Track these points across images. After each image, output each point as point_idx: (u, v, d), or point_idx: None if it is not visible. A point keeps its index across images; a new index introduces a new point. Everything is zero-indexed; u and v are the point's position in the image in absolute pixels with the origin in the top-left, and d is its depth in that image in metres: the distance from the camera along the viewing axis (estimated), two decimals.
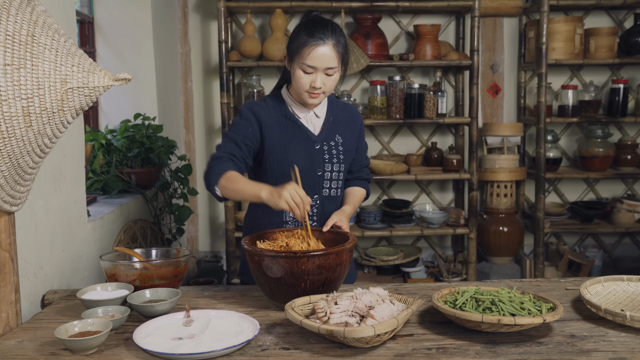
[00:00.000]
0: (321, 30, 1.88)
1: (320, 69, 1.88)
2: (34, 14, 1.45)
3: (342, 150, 2.05)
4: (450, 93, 4.30)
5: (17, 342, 1.52)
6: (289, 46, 1.93)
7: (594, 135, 4.12)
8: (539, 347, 1.44)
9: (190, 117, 4.23)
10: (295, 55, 1.89)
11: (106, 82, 1.46)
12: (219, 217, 4.35)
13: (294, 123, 2.01)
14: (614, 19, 4.28)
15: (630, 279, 1.81)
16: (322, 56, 1.87)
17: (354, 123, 2.12)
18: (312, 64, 1.87)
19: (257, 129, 1.97)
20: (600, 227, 4.13)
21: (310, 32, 1.87)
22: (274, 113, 2.01)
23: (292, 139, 1.99)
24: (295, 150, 1.98)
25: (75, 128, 2.28)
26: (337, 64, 1.90)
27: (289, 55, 1.94)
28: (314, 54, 1.86)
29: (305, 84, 1.90)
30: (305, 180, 1.98)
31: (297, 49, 1.88)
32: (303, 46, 1.87)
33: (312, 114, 2.03)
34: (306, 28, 1.89)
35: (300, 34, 1.89)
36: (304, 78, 1.90)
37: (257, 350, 1.44)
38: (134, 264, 1.83)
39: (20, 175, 1.53)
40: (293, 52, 1.91)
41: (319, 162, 2.01)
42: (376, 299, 1.53)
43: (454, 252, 4.40)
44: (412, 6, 3.82)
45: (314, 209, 2.05)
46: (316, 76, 1.89)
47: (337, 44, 1.89)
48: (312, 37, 1.87)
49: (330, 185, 2.05)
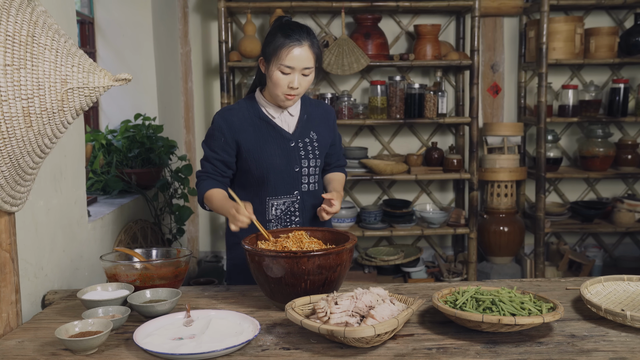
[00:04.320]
0: (297, 32, 1.95)
1: (298, 69, 1.95)
2: (34, 15, 1.45)
3: (318, 146, 2.14)
4: (450, 93, 4.30)
5: (18, 342, 1.52)
6: (265, 49, 1.99)
7: (594, 135, 4.12)
8: (539, 347, 1.44)
9: (191, 117, 4.24)
10: (273, 57, 1.95)
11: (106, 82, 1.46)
12: (219, 217, 4.35)
13: (268, 123, 2.08)
14: (614, 18, 4.28)
15: (631, 278, 1.81)
16: (299, 56, 1.94)
17: (327, 119, 2.22)
18: (290, 64, 1.93)
19: (229, 136, 2.06)
20: (600, 226, 4.12)
21: (287, 34, 1.94)
22: (248, 115, 2.08)
23: (267, 139, 2.07)
24: (271, 149, 2.06)
25: (76, 128, 2.28)
26: (313, 64, 1.99)
27: (265, 58, 2.00)
28: (292, 54, 1.93)
29: (283, 85, 1.97)
30: (284, 177, 2.08)
31: (275, 51, 1.95)
32: (281, 48, 1.93)
33: (285, 114, 2.11)
34: (282, 30, 1.96)
35: (277, 37, 1.96)
36: (282, 79, 1.96)
37: (257, 351, 1.44)
38: (135, 264, 1.83)
39: (20, 176, 1.53)
40: (270, 54, 1.97)
41: (296, 159, 2.09)
42: (376, 299, 1.53)
43: (455, 252, 4.40)
44: (412, 6, 3.82)
45: (295, 204, 2.12)
46: (294, 77, 1.96)
47: (312, 45, 1.97)
48: (288, 38, 1.93)
49: (308, 181, 2.14)
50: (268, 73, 1.99)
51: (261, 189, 2.08)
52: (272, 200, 2.09)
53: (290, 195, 2.10)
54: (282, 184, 2.08)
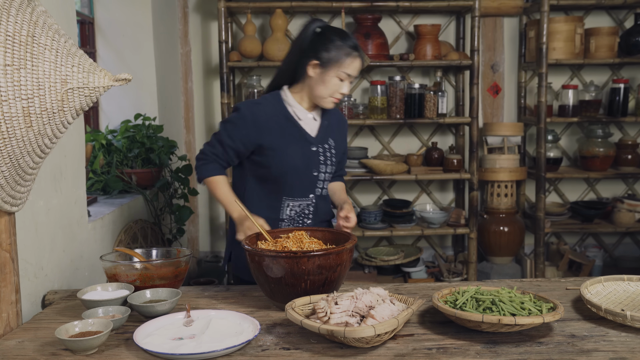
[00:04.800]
0: (353, 39, 2.05)
1: (352, 78, 2.06)
2: (34, 15, 1.45)
3: (335, 153, 2.17)
4: (450, 93, 4.30)
5: (18, 342, 1.52)
6: (322, 54, 2.02)
7: (594, 135, 4.12)
8: (540, 347, 1.44)
9: (191, 117, 4.23)
10: (334, 63, 2.01)
11: (106, 82, 1.46)
12: (220, 217, 4.35)
13: (293, 125, 2.08)
14: (614, 18, 4.28)
15: (631, 278, 1.81)
16: (358, 67, 2.05)
17: (342, 127, 2.27)
18: (350, 73, 2.03)
19: (253, 131, 2.04)
20: (600, 226, 4.12)
21: (347, 41, 2.02)
22: (274, 113, 2.07)
23: (290, 140, 2.06)
24: (294, 151, 2.06)
25: (76, 128, 2.28)
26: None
27: (321, 62, 2.02)
28: (355, 64, 2.03)
29: (335, 91, 2.04)
30: (302, 179, 2.09)
31: (338, 58, 2.01)
32: (346, 56, 2.01)
33: (310, 117, 2.12)
34: (343, 39, 2.02)
35: (337, 43, 2.01)
36: (337, 85, 2.03)
37: (257, 351, 1.44)
38: (135, 264, 1.83)
39: (20, 176, 1.53)
40: (331, 59, 2.01)
41: (315, 164, 2.11)
42: (376, 299, 1.53)
43: (455, 252, 4.40)
44: (412, 6, 3.82)
45: (310, 207, 2.14)
46: (346, 83, 2.05)
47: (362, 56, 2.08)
48: (353, 48, 2.02)
49: (322, 186, 2.16)
50: (322, 77, 2.03)
51: (278, 187, 2.09)
52: (288, 201, 2.11)
53: (306, 198, 2.12)
54: (300, 187, 2.09)
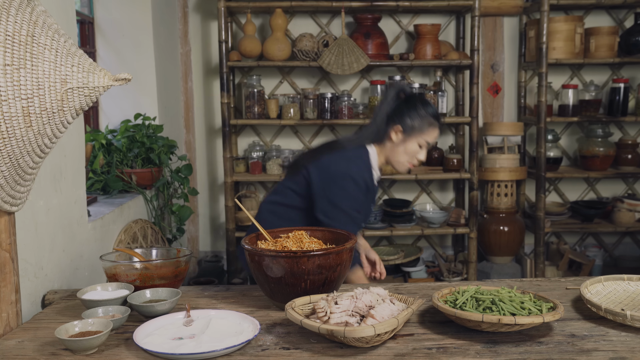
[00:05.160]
0: (435, 109, 2.18)
1: (430, 145, 2.21)
2: (33, 14, 1.45)
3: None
4: (450, 93, 4.30)
5: (18, 342, 1.52)
6: (406, 121, 2.14)
7: (594, 135, 4.12)
8: (540, 347, 1.44)
9: (191, 117, 4.23)
10: (417, 131, 2.14)
11: (106, 82, 1.46)
12: (220, 217, 4.35)
13: (376, 187, 2.25)
14: (614, 18, 4.28)
15: (631, 278, 1.81)
16: (437, 136, 2.21)
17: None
18: (430, 141, 2.18)
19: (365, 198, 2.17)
20: (600, 226, 4.12)
21: (432, 111, 2.15)
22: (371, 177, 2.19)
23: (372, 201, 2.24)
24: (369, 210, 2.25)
25: (76, 128, 2.28)
26: None
27: (405, 129, 2.15)
28: (435, 133, 2.18)
29: (413, 157, 2.19)
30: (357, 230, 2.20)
31: (422, 127, 2.14)
32: (430, 126, 2.15)
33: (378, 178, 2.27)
34: (426, 108, 2.15)
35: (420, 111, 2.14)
36: (416, 151, 2.18)
37: (257, 350, 1.44)
38: (134, 264, 1.83)
39: (20, 176, 1.53)
40: (414, 127, 2.14)
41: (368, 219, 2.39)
42: (376, 299, 1.53)
43: (455, 251, 4.40)
44: (412, 6, 3.82)
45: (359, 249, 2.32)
46: (424, 151, 2.19)
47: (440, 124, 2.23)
48: (436, 118, 2.16)
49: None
50: (404, 143, 2.15)
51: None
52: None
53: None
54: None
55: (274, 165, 3.93)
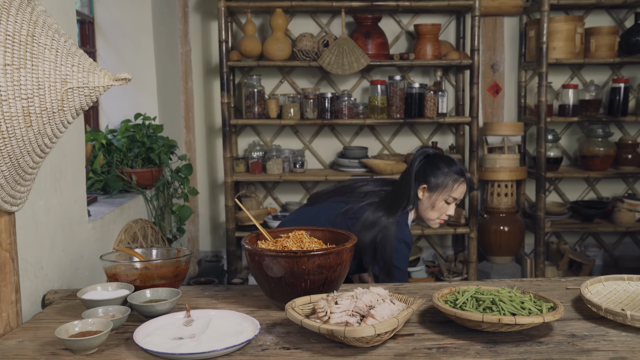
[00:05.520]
0: (459, 166, 2.24)
1: (458, 201, 2.24)
2: (34, 14, 1.45)
3: None
4: (450, 92, 4.30)
5: (18, 342, 1.52)
6: (431, 179, 2.22)
7: (594, 135, 4.12)
8: (540, 347, 1.44)
9: (191, 116, 4.23)
10: (443, 187, 2.21)
11: (106, 82, 1.46)
12: (220, 217, 4.35)
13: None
14: (614, 18, 4.28)
15: (631, 278, 1.81)
16: (464, 191, 2.25)
17: None
18: (457, 197, 2.22)
19: None
20: (601, 226, 4.12)
21: (455, 168, 2.22)
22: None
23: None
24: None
25: (76, 128, 2.28)
26: None
27: (429, 186, 2.23)
28: (461, 189, 2.23)
29: (443, 213, 2.25)
30: None
31: (446, 183, 2.20)
32: (454, 182, 2.21)
33: None
34: (449, 165, 2.22)
35: (444, 170, 2.21)
36: (445, 208, 2.23)
37: (257, 350, 1.44)
38: (135, 263, 1.83)
39: (20, 175, 1.53)
40: (439, 185, 2.21)
41: None
42: (376, 299, 1.53)
43: (455, 251, 4.40)
44: (412, 5, 3.82)
45: None
46: (452, 207, 2.24)
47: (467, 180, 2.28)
48: (460, 174, 2.22)
49: None
50: (431, 200, 2.21)
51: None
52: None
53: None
54: None
55: (274, 165, 3.93)
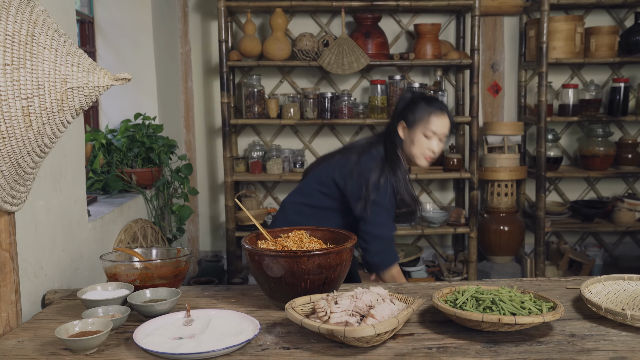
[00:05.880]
0: (439, 102, 2.20)
1: (439, 135, 2.18)
2: (33, 14, 1.45)
3: None
4: (450, 92, 4.30)
5: (18, 342, 1.52)
6: (407, 115, 2.19)
7: (594, 134, 4.12)
8: (540, 347, 1.44)
9: (191, 116, 4.23)
10: (419, 122, 2.17)
11: (106, 81, 1.46)
12: (220, 217, 4.35)
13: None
14: (614, 17, 4.28)
15: (631, 278, 1.81)
16: (443, 124, 2.18)
17: None
18: (435, 130, 2.16)
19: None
20: (601, 226, 4.12)
21: (432, 102, 2.18)
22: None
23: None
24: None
25: (76, 128, 2.28)
26: (448, 132, 2.21)
27: (407, 123, 2.20)
28: (439, 122, 2.17)
29: (424, 148, 2.19)
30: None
31: (422, 117, 2.17)
32: (429, 114, 2.16)
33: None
34: (425, 100, 2.19)
35: (421, 105, 2.18)
36: (424, 142, 2.18)
37: (257, 350, 1.44)
38: (134, 263, 1.83)
39: (20, 175, 1.53)
40: (415, 119, 2.18)
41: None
42: (376, 299, 1.53)
43: (455, 251, 4.40)
44: (412, 5, 3.82)
45: None
46: (434, 142, 2.18)
47: (450, 116, 2.20)
48: (434, 106, 2.17)
49: None
50: (410, 137, 2.18)
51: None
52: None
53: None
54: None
55: (274, 165, 3.93)
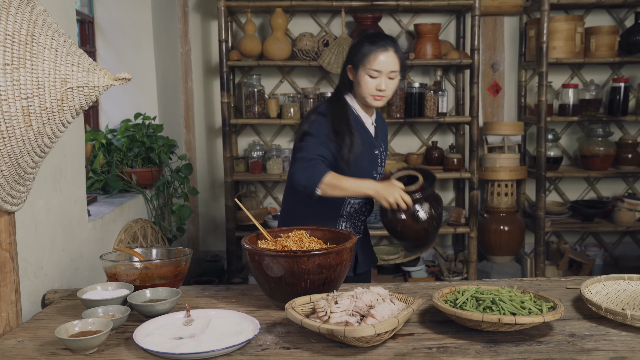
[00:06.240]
0: (382, 39, 2.12)
1: (385, 73, 2.09)
2: (33, 14, 1.45)
3: (385, 156, 2.26)
4: (450, 92, 4.30)
5: (18, 342, 1.52)
6: (352, 57, 2.14)
7: (594, 134, 4.12)
8: (540, 346, 1.44)
9: (191, 116, 4.23)
10: (361, 63, 2.10)
11: (106, 81, 1.46)
12: (220, 217, 4.35)
13: (362, 127, 2.17)
14: (614, 17, 4.28)
15: (631, 277, 1.81)
16: (386, 61, 2.09)
17: (385, 130, 2.35)
18: (377, 68, 2.08)
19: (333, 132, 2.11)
20: (601, 226, 4.12)
21: (373, 41, 2.10)
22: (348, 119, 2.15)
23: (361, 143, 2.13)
24: (363, 153, 2.13)
25: (76, 128, 2.28)
26: (398, 68, 2.12)
27: (353, 65, 2.14)
28: (380, 59, 2.08)
29: (371, 88, 2.10)
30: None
31: (363, 57, 2.10)
32: (369, 53, 2.09)
33: (370, 121, 2.21)
34: (368, 39, 2.12)
35: (364, 45, 2.11)
36: (370, 82, 2.10)
37: (257, 350, 1.44)
38: (135, 263, 1.83)
39: (20, 175, 1.53)
40: (358, 60, 2.11)
41: (375, 166, 2.21)
42: (376, 298, 1.53)
43: (455, 251, 4.40)
44: (412, 5, 3.82)
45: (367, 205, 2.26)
46: (381, 80, 2.09)
47: (397, 51, 2.12)
48: (375, 44, 2.09)
49: None
50: (357, 79, 2.12)
51: None
52: (351, 199, 2.18)
53: (366, 197, 2.19)
54: None
55: (274, 165, 3.93)
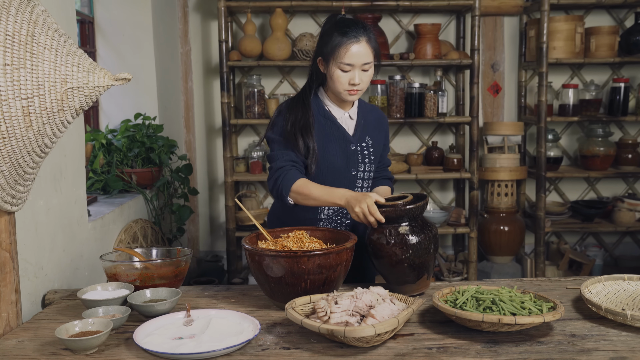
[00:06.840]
0: (353, 29, 1.95)
1: (357, 66, 1.95)
2: (33, 14, 1.45)
3: (372, 151, 2.13)
4: (450, 92, 4.30)
5: (18, 342, 1.52)
6: (323, 49, 2.00)
7: (594, 134, 4.12)
8: (540, 347, 1.44)
9: (191, 116, 4.23)
10: (331, 56, 1.96)
11: (106, 81, 1.46)
12: (220, 217, 4.35)
13: (332, 123, 2.07)
14: (614, 17, 4.28)
15: (631, 278, 1.81)
16: (358, 53, 1.94)
17: (381, 125, 2.21)
18: (349, 62, 1.94)
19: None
20: (601, 226, 4.12)
21: (343, 32, 1.95)
22: (314, 113, 2.06)
23: (330, 139, 2.06)
24: (334, 149, 2.05)
25: (76, 128, 2.28)
26: (372, 59, 1.98)
27: (323, 57, 2.00)
28: (350, 52, 1.93)
29: (344, 82, 1.97)
30: (341, 179, 2.06)
31: (334, 49, 1.95)
32: (339, 46, 1.94)
33: (347, 116, 2.10)
34: (337, 29, 1.97)
35: (333, 36, 1.96)
36: (343, 77, 1.96)
37: (257, 350, 1.44)
38: (135, 263, 1.83)
39: (20, 175, 1.53)
40: (328, 54, 1.97)
41: (354, 162, 2.09)
42: (377, 299, 1.53)
43: (455, 251, 4.40)
44: (412, 5, 3.82)
45: None
46: (354, 73, 1.96)
47: (370, 40, 1.97)
48: (345, 36, 1.94)
49: (362, 185, 2.13)
50: (328, 72, 1.99)
51: None
52: None
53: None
54: (339, 186, 2.01)
55: None
